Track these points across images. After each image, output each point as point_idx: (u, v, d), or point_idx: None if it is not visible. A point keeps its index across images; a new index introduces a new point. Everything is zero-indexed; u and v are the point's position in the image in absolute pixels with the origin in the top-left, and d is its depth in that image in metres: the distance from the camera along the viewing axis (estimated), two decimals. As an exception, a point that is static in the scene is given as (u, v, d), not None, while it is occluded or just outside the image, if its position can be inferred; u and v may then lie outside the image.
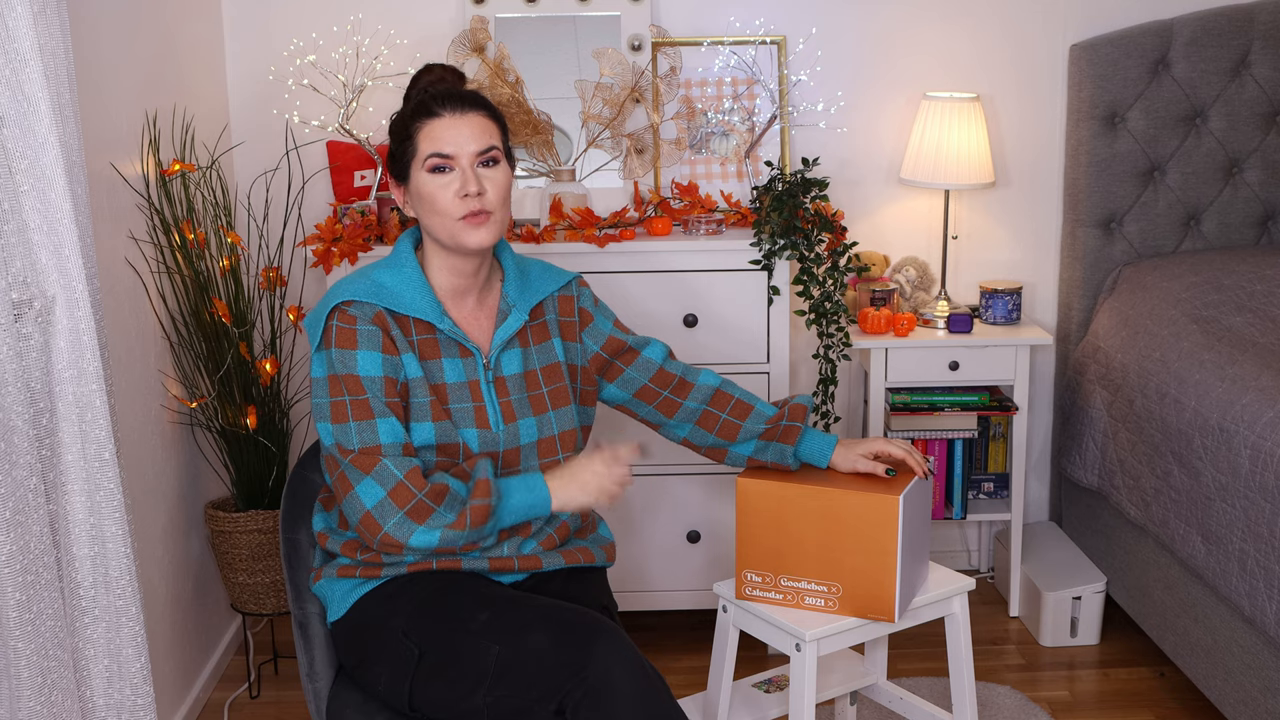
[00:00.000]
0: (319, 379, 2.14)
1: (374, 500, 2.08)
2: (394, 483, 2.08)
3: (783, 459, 2.35)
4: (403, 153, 2.19)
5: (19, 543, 1.94)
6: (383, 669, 2.13)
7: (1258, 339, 3.04)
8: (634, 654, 2.03)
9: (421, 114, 2.17)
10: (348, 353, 2.12)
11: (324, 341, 2.14)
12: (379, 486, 2.08)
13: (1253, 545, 2.62)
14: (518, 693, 2.02)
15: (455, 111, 2.17)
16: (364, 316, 2.14)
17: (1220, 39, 3.50)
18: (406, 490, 2.08)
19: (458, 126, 2.16)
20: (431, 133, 2.16)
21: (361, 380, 2.11)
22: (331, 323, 2.14)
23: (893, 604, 2.22)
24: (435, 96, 2.19)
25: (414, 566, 2.17)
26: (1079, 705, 3.13)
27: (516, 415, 2.23)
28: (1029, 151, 3.65)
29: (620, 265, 3.14)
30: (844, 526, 2.20)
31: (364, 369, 2.12)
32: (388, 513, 2.08)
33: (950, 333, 3.42)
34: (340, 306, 2.14)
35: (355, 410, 2.10)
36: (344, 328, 2.13)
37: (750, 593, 2.30)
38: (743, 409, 2.39)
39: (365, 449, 2.09)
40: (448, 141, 2.16)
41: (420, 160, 2.16)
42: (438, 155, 2.15)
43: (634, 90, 3.32)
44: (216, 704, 3.17)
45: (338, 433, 2.11)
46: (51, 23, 2.05)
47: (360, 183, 3.35)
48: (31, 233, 2.03)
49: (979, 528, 3.83)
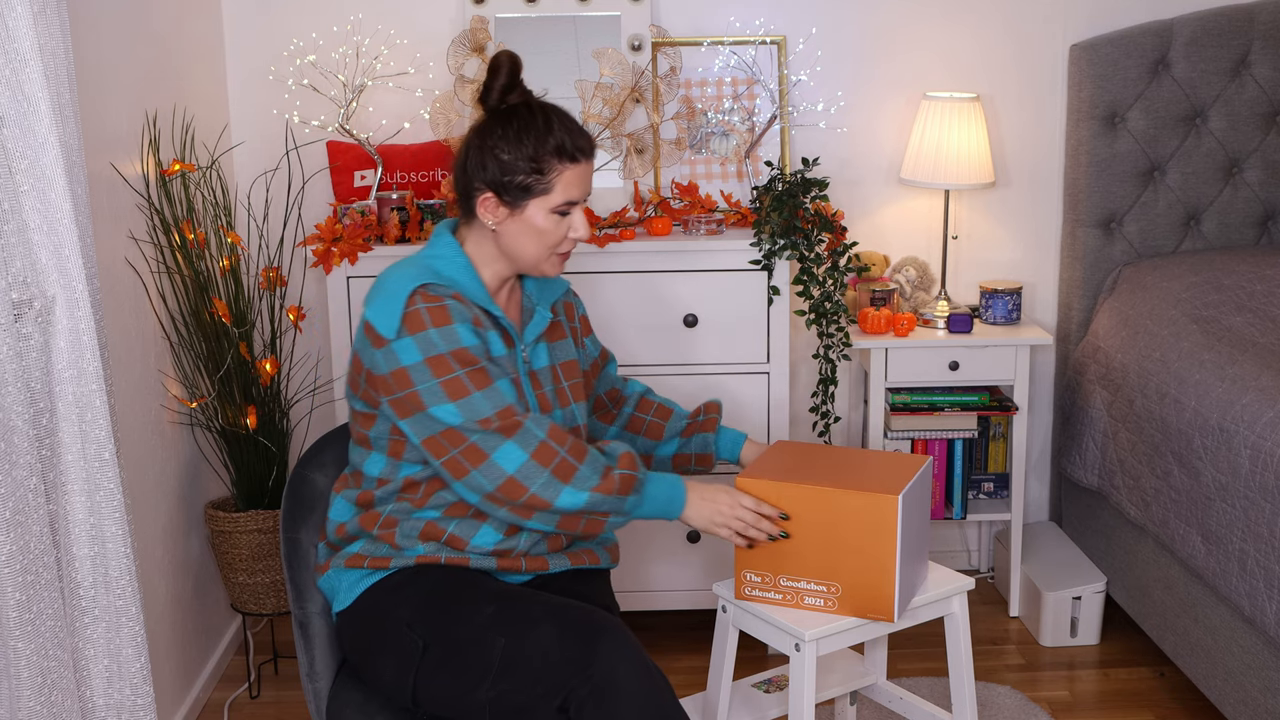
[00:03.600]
0: (414, 364, 2.09)
1: (516, 464, 2.07)
2: (536, 443, 2.08)
3: (705, 448, 2.49)
4: (528, 185, 2.16)
5: (19, 543, 1.94)
6: (387, 661, 2.14)
7: (1258, 339, 3.04)
8: (639, 653, 2.04)
9: (564, 156, 2.16)
10: (448, 328, 2.10)
11: (411, 325, 2.09)
12: (520, 450, 2.08)
13: (1253, 545, 2.62)
14: (522, 688, 2.02)
15: (588, 159, 2.20)
16: (446, 295, 2.14)
17: (1220, 39, 3.50)
18: (549, 449, 2.08)
19: (587, 175, 2.21)
20: (571, 179, 2.18)
21: (469, 350, 2.10)
22: (417, 306, 2.10)
23: (892, 603, 2.22)
24: (573, 134, 2.18)
25: (422, 559, 2.18)
26: (1079, 705, 3.13)
27: (550, 406, 2.27)
28: (1029, 151, 3.65)
29: (620, 265, 3.14)
30: (843, 526, 2.20)
31: (467, 340, 2.11)
32: (533, 474, 2.07)
33: (950, 333, 3.42)
34: (419, 290, 2.12)
35: (474, 380, 2.09)
36: (433, 307, 2.11)
37: (749, 593, 2.30)
38: (664, 412, 2.52)
39: (499, 411, 2.08)
40: (581, 191, 2.20)
41: (551, 202, 2.17)
42: (570, 203, 2.19)
43: (634, 90, 3.32)
44: (216, 704, 3.17)
45: (463, 408, 2.08)
46: (51, 23, 2.05)
47: (360, 183, 3.35)
48: (31, 233, 2.03)
49: (979, 528, 3.83)
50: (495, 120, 2.19)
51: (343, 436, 2.40)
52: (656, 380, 3.18)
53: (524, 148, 2.15)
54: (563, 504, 2.09)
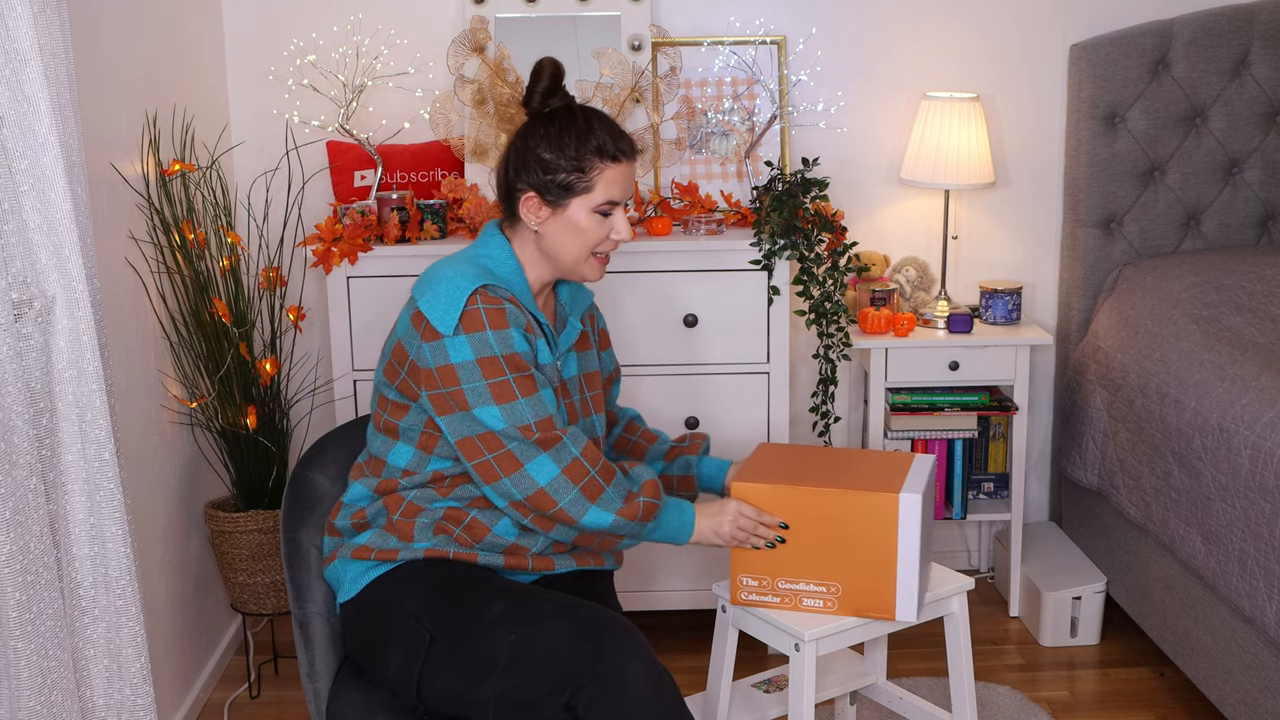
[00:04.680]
0: (464, 363, 2.11)
1: (548, 477, 2.10)
2: (570, 459, 2.11)
3: (687, 469, 2.49)
4: (570, 183, 2.19)
5: (19, 543, 1.94)
6: (392, 652, 2.13)
7: (1258, 339, 3.04)
8: (648, 652, 2.05)
9: (605, 156, 2.19)
10: (504, 332, 2.12)
11: (469, 324, 2.11)
12: (554, 464, 2.11)
13: (1253, 545, 2.62)
14: (528, 684, 2.03)
15: (629, 159, 2.22)
16: (504, 298, 2.16)
17: (1220, 39, 3.50)
18: (581, 467, 2.12)
19: (628, 175, 2.23)
20: (613, 178, 2.20)
21: (521, 356, 2.13)
22: (477, 305, 2.12)
23: (893, 601, 2.22)
24: (615, 135, 2.21)
25: (430, 552, 2.18)
26: (1079, 705, 3.13)
27: (578, 416, 2.29)
28: (1029, 151, 3.65)
29: (620, 265, 3.14)
30: (843, 525, 2.20)
31: (519, 345, 2.13)
32: (563, 489, 2.11)
33: (950, 333, 3.42)
34: (481, 290, 2.13)
35: (521, 386, 2.11)
36: (493, 309, 2.13)
37: (745, 597, 2.30)
38: (650, 436, 2.56)
39: (540, 421, 2.11)
40: (622, 190, 2.22)
41: (593, 201, 2.19)
42: (611, 202, 2.20)
43: (634, 90, 3.32)
44: (216, 704, 3.17)
45: (507, 413, 2.10)
46: (51, 23, 2.05)
47: (360, 183, 3.35)
48: (31, 233, 2.03)
49: (979, 528, 3.83)
50: (537, 122, 2.22)
51: (343, 436, 2.40)
52: (657, 380, 3.19)
53: (566, 147, 2.18)
54: (587, 522, 2.13)
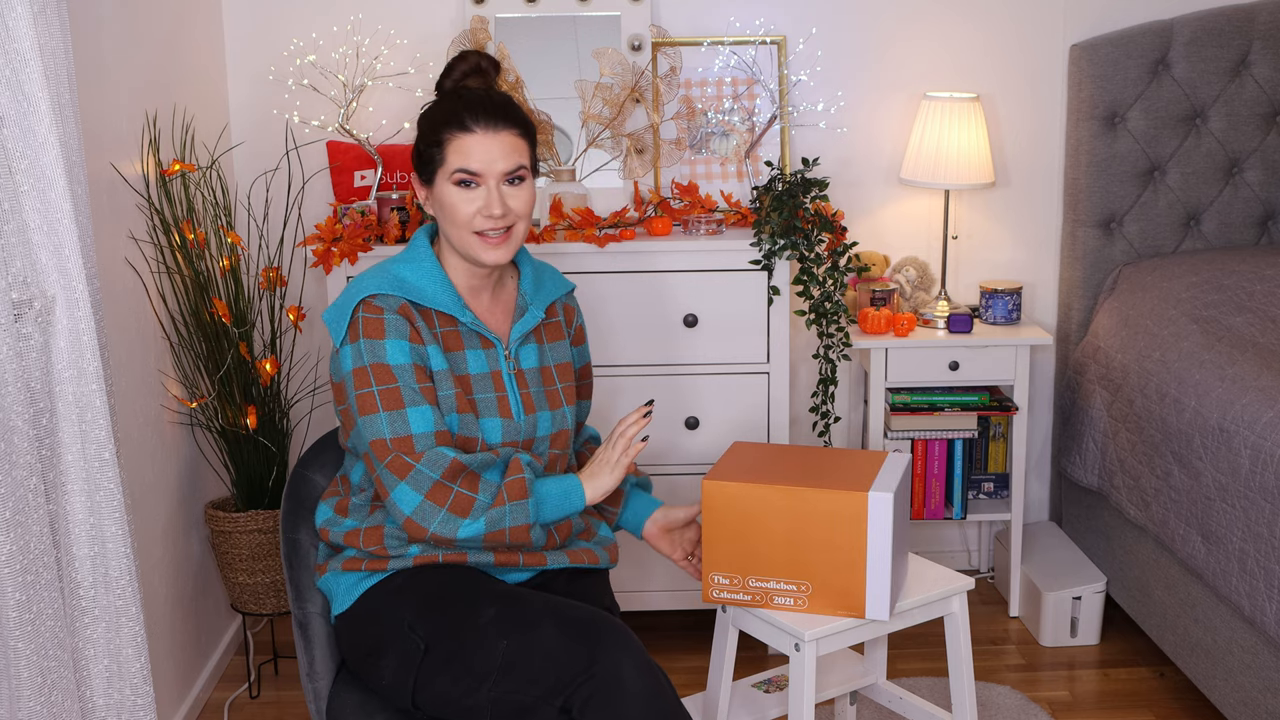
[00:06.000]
0: (349, 373, 2.12)
1: (412, 505, 2.09)
2: (429, 484, 2.09)
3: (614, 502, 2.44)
4: (430, 158, 2.17)
5: (19, 543, 1.94)
6: (387, 662, 2.13)
7: (1258, 339, 3.04)
8: (642, 652, 2.04)
9: (454, 125, 2.14)
10: (376, 342, 2.11)
11: (352, 334, 2.13)
12: (414, 491, 2.08)
13: (1253, 545, 2.62)
14: (523, 689, 2.02)
15: (488, 128, 2.14)
16: (390, 308, 2.14)
17: (1220, 39, 3.50)
18: (443, 488, 2.09)
19: (488, 145, 2.14)
20: (462, 147, 2.14)
21: (392, 369, 2.10)
22: (358, 315, 2.13)
23: (863, 600, 2.22)
24: (470, 106, 2.15)
25: (420, 559, 2.18)
26: (1079, 705, 3.13)
27: (536, 408, 2.26)
28: (1029, 151, 3.65)
29: (620, 265, 3.14)
30: (813, 524, 2.20)
31: (393, 357, 2.11)
32: (429, 514, 2.09)
33: (950, 333, 3.42)
34: (366, 299, 2.13)
35: (385, 400, 2.10)
36: (371, 318, 2.12)
37: (717, 595, 2.30)
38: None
39: (396, 439, 2.08)
40: (477, 159, 2.14)
41: (447, 172, 2.15)
42: (465, 171, 2.14)
43: (634, 90, 3.32)
44: (216, 704, 3.17)
45: (367, 425, 2.10)
46: (51, 23, 2.05)
47: (360, 183, 3.35)
48: (31, 233, 2.03)
49: (979, 528, 3.83)
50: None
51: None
52: (657, 380, 3.19)
53: (428, 122, 2.19)
54: (463, 536, 2.10)
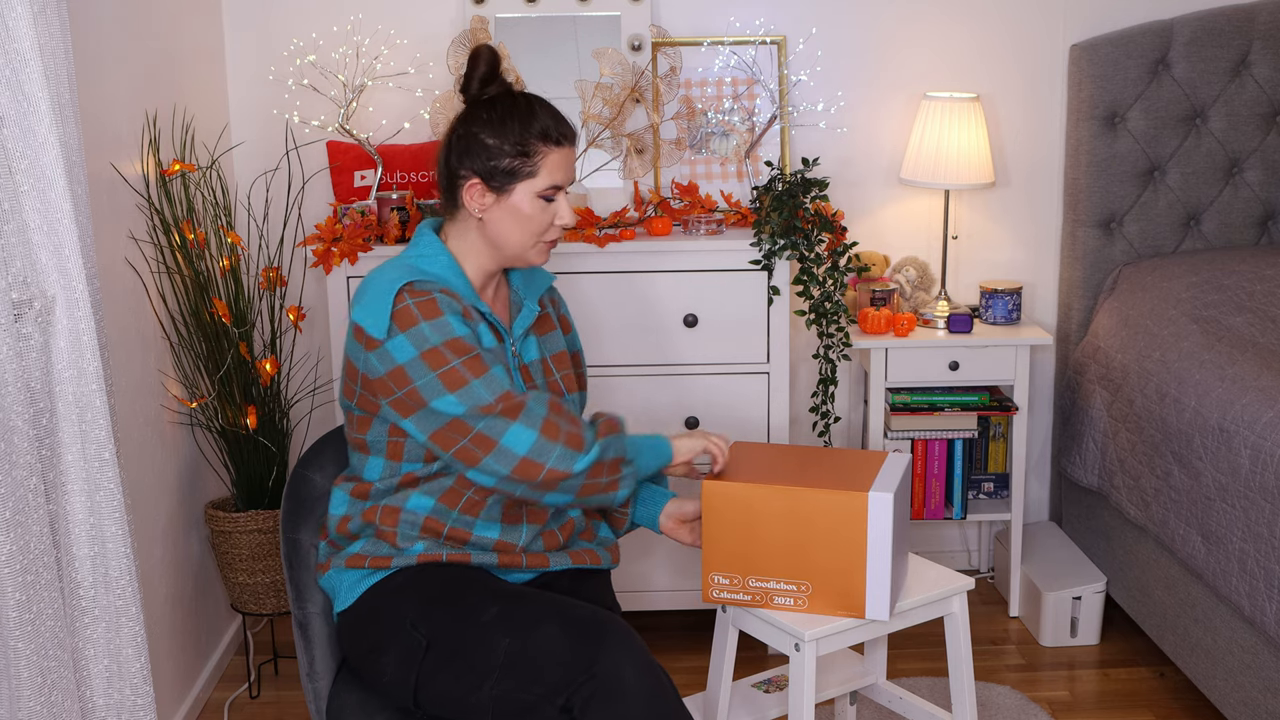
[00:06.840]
0: (410, 360, 2.09)
1: (528, 444, 2.08)
2: (541, 420, 2.09)
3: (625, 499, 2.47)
4: (514, 168, 2.17)
5: (19, 543, 1.94)
6: (389, 659, 2.13)
7: (1258, 339, 3.04)
8: (644, 652, 2.05)
9: (548, 139, 2.18)
10: (439, 320, 2.10)
11: (402, 322, 2.09)
12: (528, 429, 2.08)
13: (1253, 545, 2.62)
14: (525, 687, 2.02)
15: (572, 144, 2.21)
16: (434, 288, 2.14)
17: (1220, 39, 3.50)
18: (554, 423, 2.10)
19: (570, 159, 2.22)
20: (557, 162, 2.19)
21: (463, 339, 2.10)
22: (404, 303, 2.10)
23: (863, 600, 2.22)
24: (556, 119, 2.20)
25: (423, 557, 2.18)
26: (1079, 705, 3.13)
27: None
28: (1029, 151, 3.65)
29: (620, 265, 3.14)
30: (813, 524, 2.20)
31: (459, 330, 2.11)
32: (545, 450, 2.08)
33: (950, 333, 3.42)
34: (405, 288, 2.12)
35: (471, 368, 2.09)
36: (421, 301, 2.11)
37: (717, 595, 2.30)
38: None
39: (499, 396, 2.09)
40: (565, 175, 2.21)
41: (537, 186, 2.18)
42: (555, 187, 2.19)
43: (634, 90, 3.32)
44: (216, 704, 3.17)
45: (462, 397, 2.08)
46: (51, 23, 2.05)
47: (360, 183, 3.35)
48: (31, 233, 2.03)
49: (979, 528, 3.83)
50: (478, 108, 2.21)
51: (343, 437, 2.40)
52: (656, 380, 3.19)
53: (510, 132, 2.16)
54: (580, 467, 2.10)
